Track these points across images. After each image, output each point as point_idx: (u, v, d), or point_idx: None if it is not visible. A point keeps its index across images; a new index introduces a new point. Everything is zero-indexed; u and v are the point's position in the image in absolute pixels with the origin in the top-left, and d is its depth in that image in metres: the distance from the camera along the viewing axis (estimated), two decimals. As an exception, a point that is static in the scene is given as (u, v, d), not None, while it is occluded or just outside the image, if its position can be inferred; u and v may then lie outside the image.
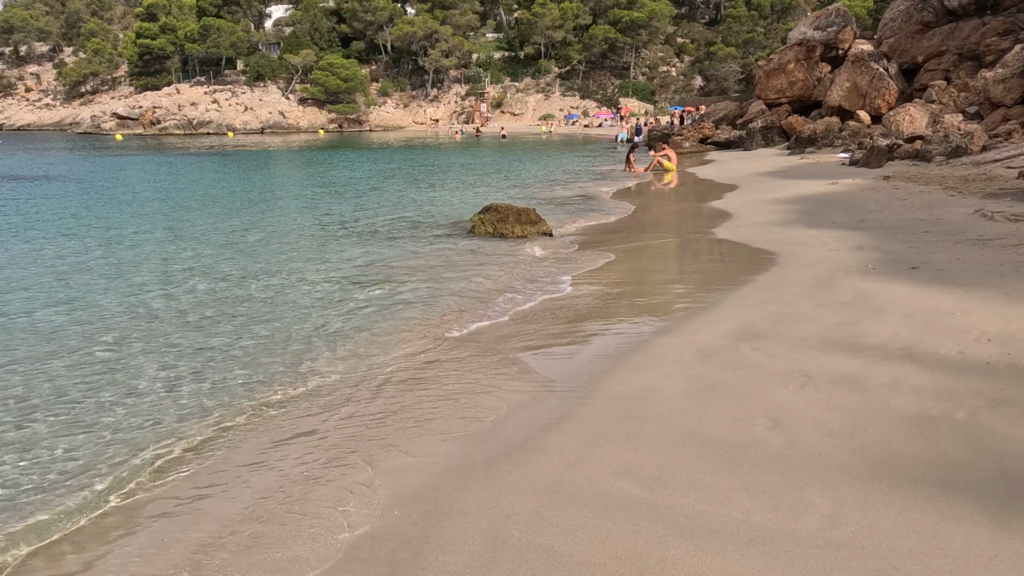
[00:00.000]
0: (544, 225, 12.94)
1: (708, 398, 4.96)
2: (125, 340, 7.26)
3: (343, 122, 72.95)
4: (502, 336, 6.98)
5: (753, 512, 3.56)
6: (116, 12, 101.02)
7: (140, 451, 4.86)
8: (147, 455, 4.80)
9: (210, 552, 3.67)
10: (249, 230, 14.11)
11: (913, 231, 9.99)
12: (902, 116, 22.71)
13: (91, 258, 11.52)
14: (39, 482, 4.50)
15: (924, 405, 4.56)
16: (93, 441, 5.03)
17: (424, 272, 9.99)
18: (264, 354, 6.75)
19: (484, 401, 5.37)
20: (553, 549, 3.41)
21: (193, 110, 71.66)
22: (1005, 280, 7.14)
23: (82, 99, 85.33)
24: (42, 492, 4.38)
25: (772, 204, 14.00)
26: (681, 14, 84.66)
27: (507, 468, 4.26)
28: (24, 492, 4.40)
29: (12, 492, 4.40)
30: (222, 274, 10.22)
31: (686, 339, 6.28)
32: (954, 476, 3.74)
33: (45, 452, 4.89)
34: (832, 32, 30.21)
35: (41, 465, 4.72)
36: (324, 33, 78.41)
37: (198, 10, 78.69)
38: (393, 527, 3.76)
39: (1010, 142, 18.21)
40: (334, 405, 5.52)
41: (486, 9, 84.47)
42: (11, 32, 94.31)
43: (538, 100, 76.76)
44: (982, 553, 3.14)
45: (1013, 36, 23.62)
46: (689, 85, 76.61)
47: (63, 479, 4.52)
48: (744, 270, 8.86)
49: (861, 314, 6.45)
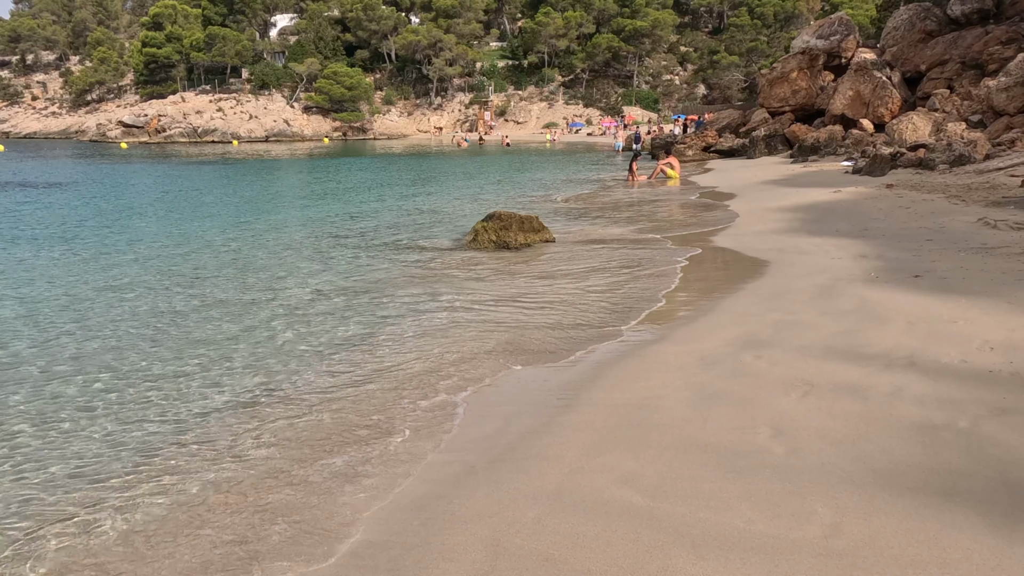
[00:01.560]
0: (547, 233, 12.94)
1: (710, 406, 4.95)
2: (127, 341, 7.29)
3: (347, 130, 73.24)
4: (497, 340, 6.99)
5: (755, 520, 3.56)
6: (122, 21, 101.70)
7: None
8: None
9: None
10: (251, 241, 14.15)
11: (916, 239, 9.98)
12: (905, 124, 22.71)
13: (88, 267, 11.58)
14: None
15: (927, 414, 4.55)
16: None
17: (424, 282, 10.02)
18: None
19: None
20: (554, 557, 3.41)
21: (198, 118, 71.99)
22: (1008, 289, 7.13)
23: (88, 107, 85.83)
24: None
25: (775, 212, 14.01)
26: (684, 23, 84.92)
27: (509, 476, 4.27)
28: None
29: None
30: (215, 287, 10.25)
31: (688, 347, 6.28)
32: (956, 485, 3.73)
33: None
34: (835, 41, 30.28)
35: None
36: (329, 42, 78.79)
37: (204, 19, 79.17)
38: (395, 534, 3.76)
39: (1013, 150, 18.19)
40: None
41: (490, 18, 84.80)
42: (18, 41, 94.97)
43: (542, 108, 76.98)
44: (984, 562, 3.13)
45: (1016, 45, 23.63)
46: (692, 93, 76.77)
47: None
48: (746, 278, 8.86)
49: (864, 322, 6.44)
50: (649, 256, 11.25)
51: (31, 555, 3.82)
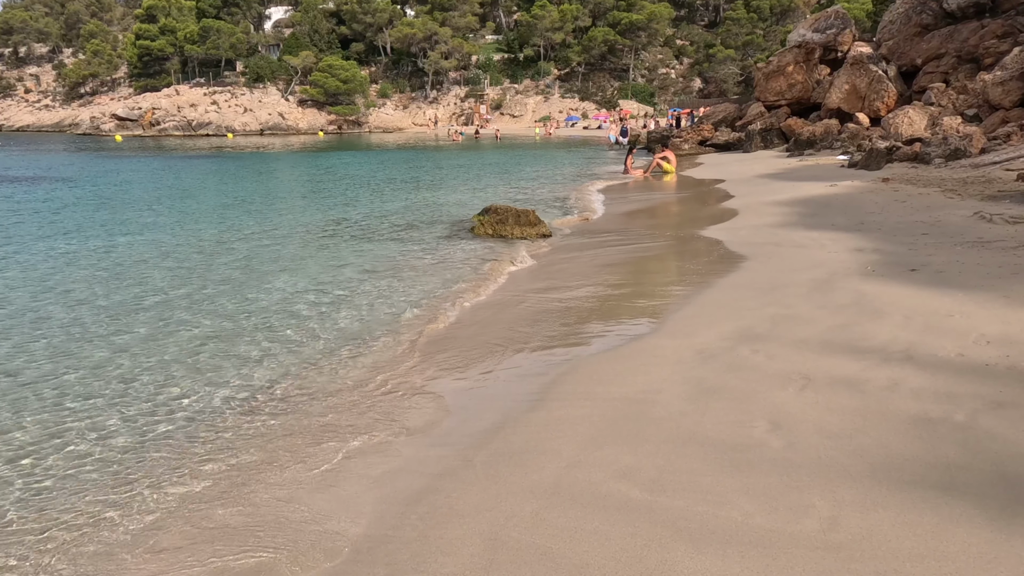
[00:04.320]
0: (543, 226, 12.96)
1: (708, 400, 4.95)
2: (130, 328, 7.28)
3: (342, 123, 72.98)
4: (497, 335, 6.98)
5: (753, 514, 3.56)
6: (116, 13, 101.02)
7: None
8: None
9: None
10: (247, 232, 14.11)
11: (912, 233, 9.99)
12: (901, 118, 22.73)
13: (91, 260, 11.54)
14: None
15: (923, 407, 4.56)
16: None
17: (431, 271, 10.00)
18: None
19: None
20: (552, 551, 3.41)
21: (192, 111, 71.64)
22: (1004, 282, 7.14)
23: (81, 100, 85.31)
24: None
25: (771, 206, 14.01)
26: (680, 16, 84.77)
27: (507, 470, 4.26)
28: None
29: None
30: (212, 280, 10.23)
31: (686, 341, 6.27)
32: (953, 478, 3.74)
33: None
34: (831, 34, 30.26)
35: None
36: (324, 35, 78.46)
37: (198, 12, 78.74)
38: (392, 528, 3.76)
39: (1009, 144, 18.22)
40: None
41: (486, 11, 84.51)
42: (11, 33, 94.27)
43: (537, 102, 76.84)
44: (981, 555, 3.14)
45: (1012, 39, 23.64)
46: (688, 87, 76.70)
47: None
48: (743, 272, 8.85)
49: (861, 316, 6.45)
50: (643, 248, 11.24)
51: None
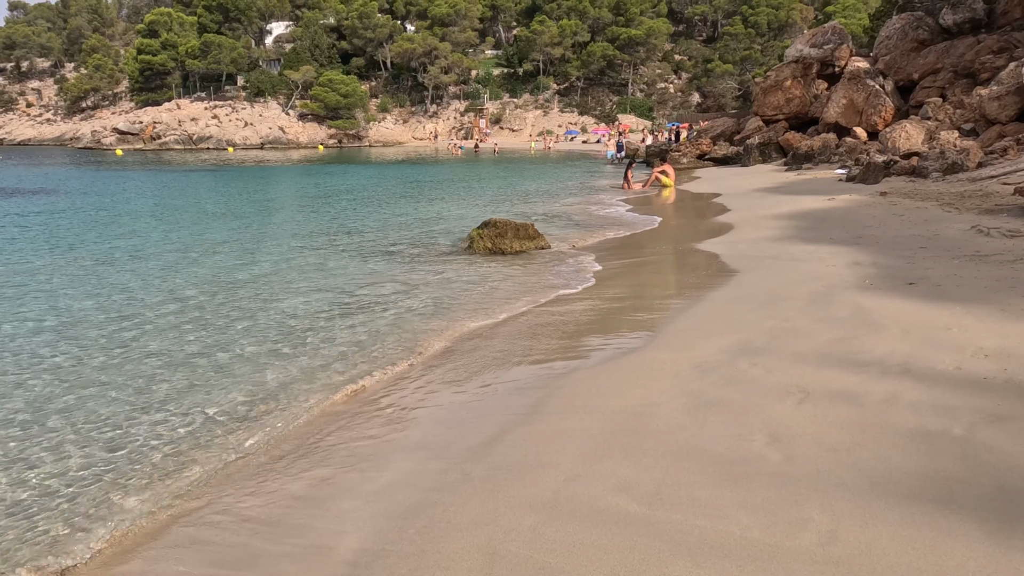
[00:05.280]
0: (542, 240, 12.99)
1: (706, 413, 4.95)
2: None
3: (342, 137, 73.29)
4: (495, 348, 6.98)
5: (751, 528, 3.55)
6: (117, 28, 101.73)
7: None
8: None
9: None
10: (245, 245, 14.13)
11: (910, 247, 10.01)
12: (898, 133, 22.83)
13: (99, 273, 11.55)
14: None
15: (922, 421, 4.55)
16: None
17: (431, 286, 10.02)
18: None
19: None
20: (551, 565, 3.40)
21: (193, 125, 71.96)
22: (1002, 296, 7.15)
23: (83, 114, 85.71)
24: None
25: (769, 219, 14.04)
26: (679, 31, 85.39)
27: (505, 483, 4.25)
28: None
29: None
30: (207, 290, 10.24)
31: (684, 354, 6.28)
32: (952, 492, 3.73)
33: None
34: (828, 50, 30.46)
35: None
36: (324, 50, 78.92)
37: (199, 27, 79.24)
38: (390, 543, 3.74)
39: (1006, 158, 18.30)
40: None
41: (485, 26, 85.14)
42: (13, 48, 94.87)
43: (537, 116, 77.22)
44: (980, 570, 3.13)
45: (1007, 54, 23.81)
46: (687, 102, 77.11)
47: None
48: (741, 285, 8.87)
49: (859, 329, 6.45)
50: (643, 262, 11.26)
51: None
